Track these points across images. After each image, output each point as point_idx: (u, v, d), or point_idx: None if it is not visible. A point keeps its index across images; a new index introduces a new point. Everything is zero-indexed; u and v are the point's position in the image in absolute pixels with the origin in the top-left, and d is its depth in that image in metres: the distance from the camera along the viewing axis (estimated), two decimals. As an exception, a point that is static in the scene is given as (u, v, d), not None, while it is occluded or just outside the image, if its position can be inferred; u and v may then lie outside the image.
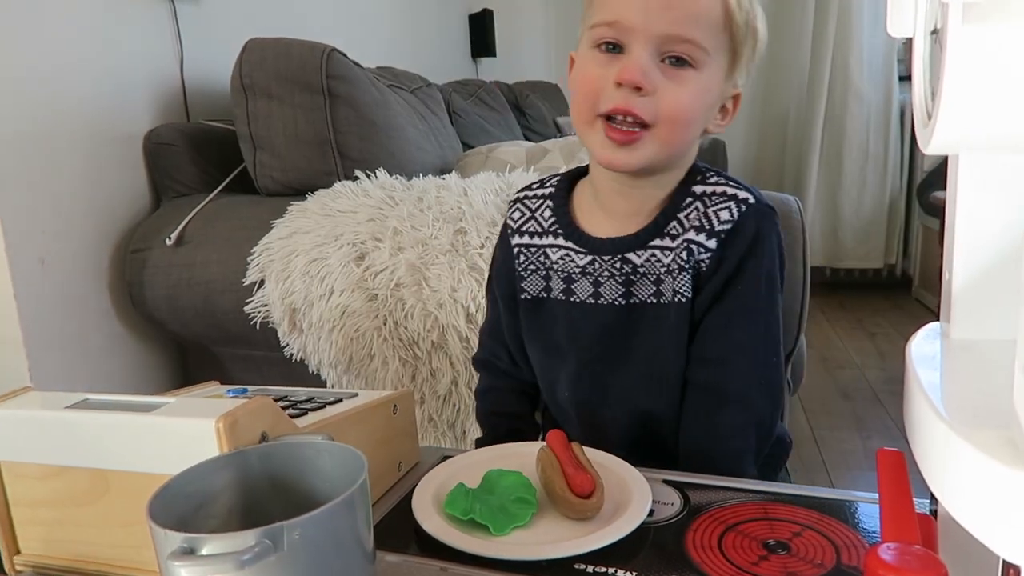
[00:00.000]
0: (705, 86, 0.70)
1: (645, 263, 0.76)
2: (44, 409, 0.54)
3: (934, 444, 0.32)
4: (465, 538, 0.54)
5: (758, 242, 0.74)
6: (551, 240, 0.81)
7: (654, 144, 0.71)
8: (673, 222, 0.76)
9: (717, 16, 0.69)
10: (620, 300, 0.77)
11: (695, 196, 0.76)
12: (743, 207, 0.74)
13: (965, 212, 0.40)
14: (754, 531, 0.55)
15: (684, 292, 0.75)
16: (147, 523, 0.39)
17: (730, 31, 0.70)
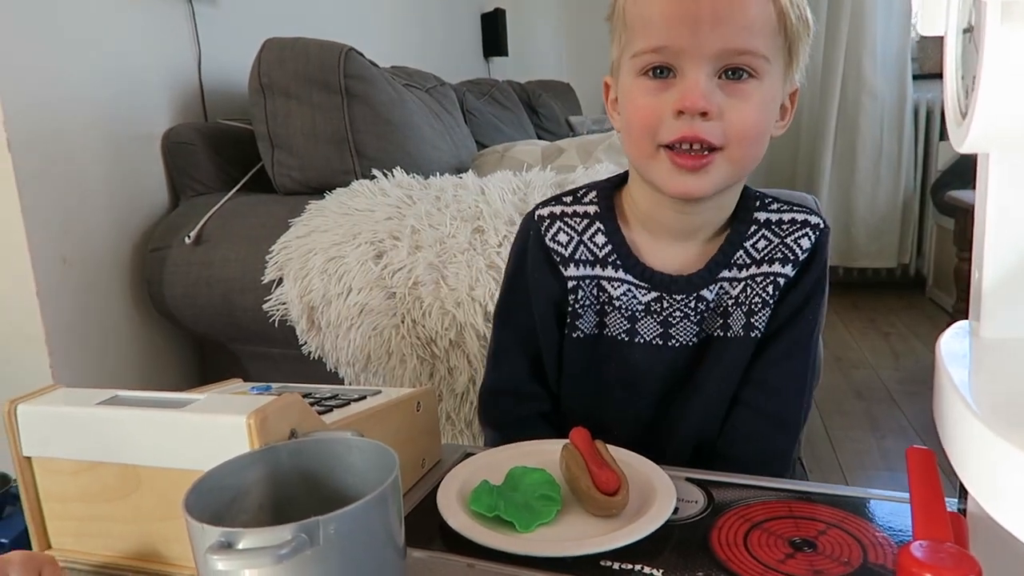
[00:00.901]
0: (770, 95, 0.66)
1: (716, 297, 0.73)
2: (75, 406, 0.54)
3: (969, 441, 0.32)
4: (491, 534, 0.54)
5: (824, 268, 0.74)
6: (611, 272, 0.74)
7: (726, 165, 0.65)
8: (740, 252, 0.73)
9: (771, 19, 0.64)
10: (693, 340, 0.73)
11: (760, 224, 0.73)
12: (818, 233, 0.73)
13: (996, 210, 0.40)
14: (779, 529, 0.55)
15: (760, 326, 0.72)
16: (183, 517, 0.39)
17: (785, 31, 0.66)
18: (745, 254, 0.73)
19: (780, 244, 0.73)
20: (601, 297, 0.74)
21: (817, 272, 0.73)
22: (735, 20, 0.62)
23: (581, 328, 0.76)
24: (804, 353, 0.75)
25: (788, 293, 0.73)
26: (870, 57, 3.41)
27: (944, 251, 3.24)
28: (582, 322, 0.75)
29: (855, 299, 3.45)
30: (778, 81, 0.67)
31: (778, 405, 0.76)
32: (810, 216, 0.74)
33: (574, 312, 0.75)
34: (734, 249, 0.72)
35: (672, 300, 0.73)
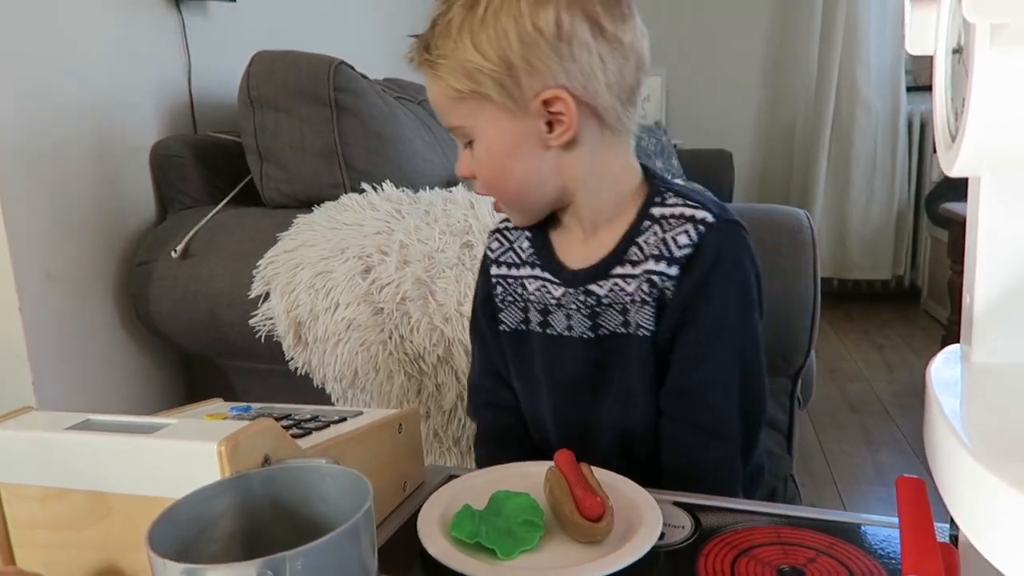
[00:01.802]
0: (488, 145, 0.73)
1: (609, 293, 0.75)
2: (44, 430, 0.53)
3: (959, 475, 0.31)
4: (471, 562, 0.53)
5: (719, 263, 0.72)
6: (528, 271, 0.81)
7: (506, 206, 0.79)
8: (633, 248, 0.74)
9: (448, 94, 0.72)
10: (589, 333, 0.77)
11: (653, 219, 0.74)
12: (701, 227, 0.72)
13: (987, 233, 0.39)
14: (768, 556, 0.54)
15: (647, 325, 0.74)
16: (146, 551, 0.38)
17: (478, 86, 0.70)
18: (637, 250, 0.74)
19: (662, 240, 0.73)
20: (523, 294, 0.81)
21: (704, 268, 0.72)
22: (435, 105, 0.75)
23: (506, 322, 0.83)
24: (721, 355, 0.74)
25: (680, 292, 0.72)
26: (864, 70, 3.42)
27: (938, 263, 3.23)
28: (506, 315, 0.83)
29: (849, 311, 3.44)
30: (499, 122, 0.72)
31: (697, 412, 0.74)
32: (698, 211, 0.73)
33: (497, 307, 0.84)
34: (627, 245, 0.75)
35: (571, 293, 0.77)
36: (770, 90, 3.79)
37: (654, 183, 0.77)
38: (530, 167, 0.73)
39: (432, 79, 0.73)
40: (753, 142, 3.83)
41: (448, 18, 0.70)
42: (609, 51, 0.70)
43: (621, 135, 0.75)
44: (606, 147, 0.74)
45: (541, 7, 0.67)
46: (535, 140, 0.72)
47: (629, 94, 0.73)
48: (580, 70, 0.69)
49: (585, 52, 0.69)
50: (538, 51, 0.68)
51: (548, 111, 0.70)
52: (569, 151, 0.73)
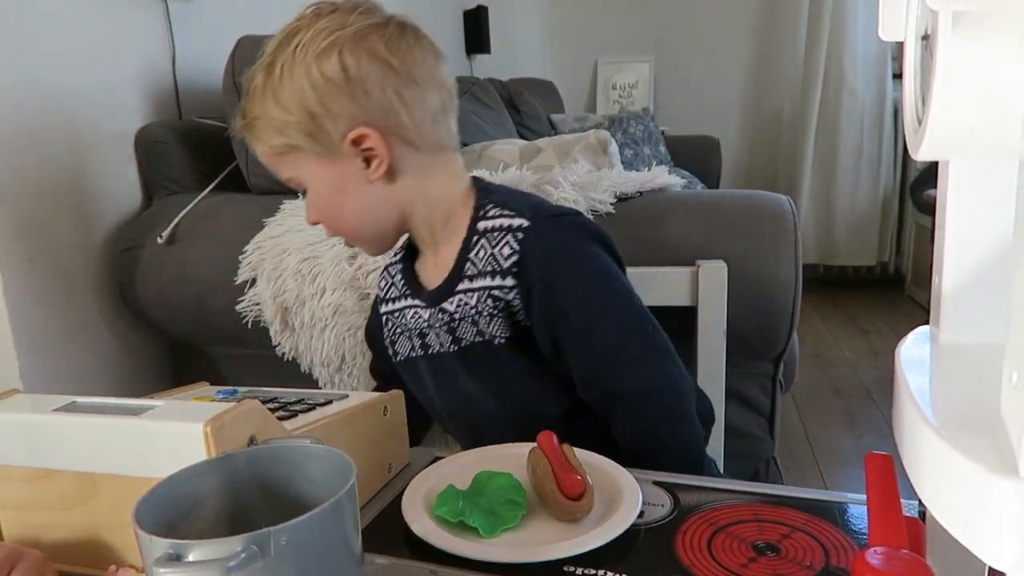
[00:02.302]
0: (317, 190, 0.79)
1: (457, 308, 0.79)
2: (31, 412, 0.54)
3: (921, 449, 0.32)
4: (455, 540, 0.54)
5: (550, 261, 0.76)
6: (405, 302, 0.86)
7: (353, 242, 0.86)
8: (467, 264, 0.78)
9: (274, 154, 0.77)
10: (452, 347, 0.81)
11: (480, 233, 0.79)
12: (520, 235, 0.76)
13: (955, 216, 0.40)
14: (744, 533, 0.55)
15: (501, 335, 0.78)
16: (133, 528, 0.38)
17: (290, 140, 0.75)
18: (472, 265, 0.78)
19: (490, 255, 0.77)
20: (406, 324, 0.86)
21: (538, 272, 0.75)
22: (266, 167, 0.80)
23: (400, 353, 0.87)
24: (602, 331, 0.76)
25: (530, 299, 0.76)
26: (850, 57, 3.43)
27: (923, 249, 3.27)
28: (399, 347, 0.87)
29: (835, 297, 3.47)
30: (320, 168, 0.77)
31: (614, 388, 0.76)
32: (515, 219, 0.77)
33: (391, 341, 0.88)
34: (463, 263, 0.79)
35: (432, 313, 0.82)
36: (757, 77, 3.80)
37: (480, 197, 0.82)
38: (360, 203, 0.78)
39: (252, 141, 0.78)
40: (740, 129, 3.85)
41: (253, 83, 0.76)
42: (402, 83, 0.75)
43: (441, 153, 0.80)
44: (427, 167, 0.79)
45: (325, 56, 0.72)
46: (357, 178, 0.77)
47: (436, 115, 0.78)
48: (377, 106, 0.74)
49: (378, 88, 0.74)
50: (333, 97, 0.73)
51: (360, 149, 0.75)
52: (393, 181, 0.78)
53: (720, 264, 1.04)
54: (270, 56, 0.75)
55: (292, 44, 0.73)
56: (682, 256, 1.08)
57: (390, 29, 0.75)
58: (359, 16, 0.74)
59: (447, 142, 0.81)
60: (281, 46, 0.74)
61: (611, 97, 3.97)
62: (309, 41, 0.72)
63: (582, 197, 1.14)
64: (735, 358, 1.09)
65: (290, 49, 0.73)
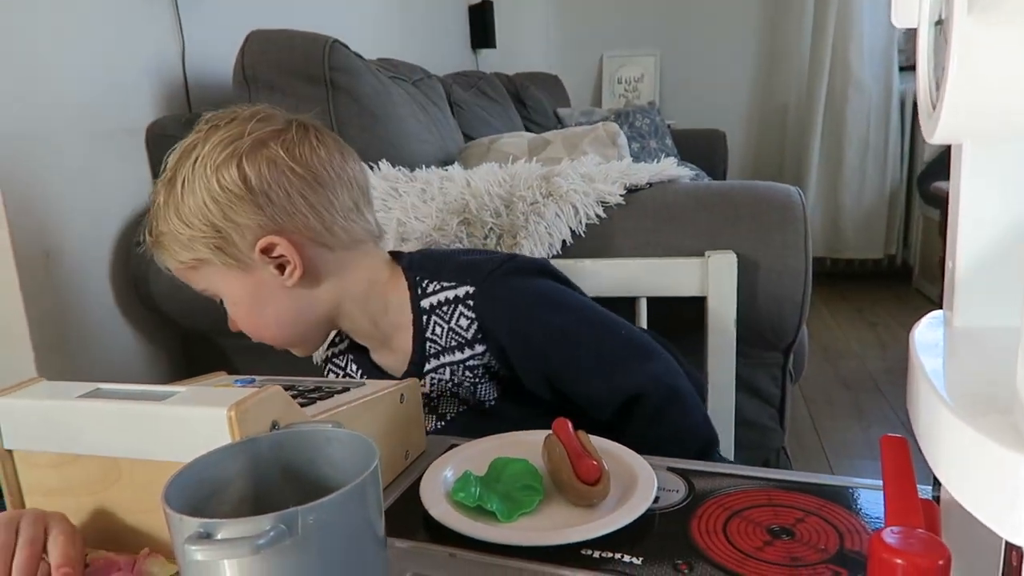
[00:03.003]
0: (233, 301, 0.77)
1: (433, 387, 0.79)
2: (56, 399, 0.54)
3: (938, 429, 0.33)
4: (473, 524, 0.55)
5: (511, 313, 0.76)
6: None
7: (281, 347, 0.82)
8: (427, 344, 0.78)
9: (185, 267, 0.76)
10: (438, 423, 0.81)
11: (427, 312, 0.78)
12: (470, 303, 0.76)
13: (968, 200, 0.40)
14: (758, 517, 0.56)
15: (490, 398, 0.79)
16: (163, 509, 0.39)
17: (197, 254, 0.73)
18: (432, 344, 0.78)
19: (449, 331, 0.77)
20: None
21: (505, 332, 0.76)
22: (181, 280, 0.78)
23: None
24: (585, 350, 0.77)
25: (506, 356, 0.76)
26: (857, 49, 3.42)
27: (930, 242, 3.26)
28: None
29: (842, 290, 3.47)
30: (232, 280, 0.75)
31: (619, 392, 0.76)
32: (458, 289, 0.77)
33: None
34: (421, 346, 0.79)
35: None
36: (764, 70, 3.79)
37: (409, 275, 0.80)
38: (280, 310, 0.77)
39: (162, 257, 0.77)
40: (747, 122, 3.84)
41: (157, 200, 0.74)
42: (307, 187, 0.73)
43: (361, 248, 0.78)
44: (346, 265, 0.77)
45: (224, 167, 0.70)
46: (273, 285, 0.75)
47: (348, 212, 0.76)
48: (283, 212, 0.72)
49: (282, 195, 0.72)
50: (236, 208, 0.71)
51: (271, 257, 0.73)
52: (314, 284, 0.76)
53: (730, 255, 1.05)
54: (171, 171, 0.73)
55: (191, 158, 0.72)
56: (692, 247, 1.08)
57: (290, 133, 0.73)
58: (257, 123, 0.72)
59: (363, 236, 0.79)
60: (181, 160, 0.73)
61: (617, 91, 3.97)
62: (208, 154, 0.71)
63: (591, 189, 1.14)
64: (745, 348, 1.09)
65: (189, 163, 0.71)
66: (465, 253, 0.90)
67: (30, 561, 0.48)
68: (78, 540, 0.50)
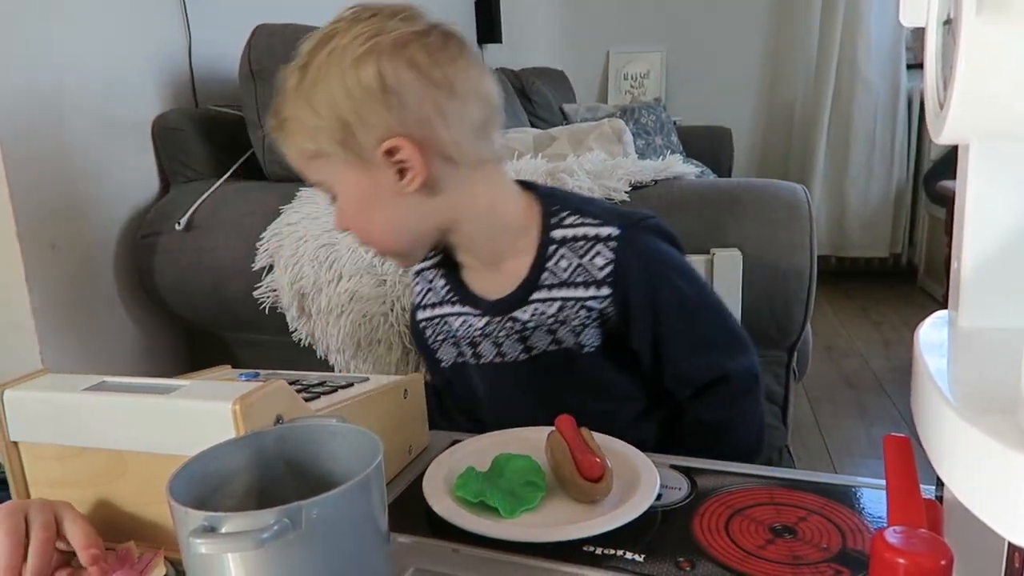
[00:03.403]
0: (346, 198, 0.76)
1: (532, 317, 0.78)
2: (62, 391, 0.55)
3: (941, 429, 0.33)
4: (476, 520, 0.55)
5: (649, 266, 0.76)
6: (449, 308, 0.84)
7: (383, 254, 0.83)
8: (545, 273, 0.77)
9: (304, 157, 0.74)
10: (522, 355, 0.80)
11: (558, 242, 0.77)
12: (613, 243, 0.75)
13: (974, 200, 0.40)
14: (761, 515, 0.56)
15: (591, 344, 0.77)
16: (168, 502, 0.39)
17: (320, 145, 0.72)
18: (551, 274, 0.77)
19: (579, 266, 0.76)
20: (448, 331, 0.84)
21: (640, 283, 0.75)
22: (295, 169, 0.77)
23: (444, 359, 0.87)
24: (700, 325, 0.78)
25: (629, 308, 0.75)
26: (864, 47, 3.40)
27: (936, 241, 3.25)
28: (442, 354, 0.87)
29: (847, 289, 3.46)
30: (350, 176, 0.73)
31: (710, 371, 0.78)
32: (602, 228, 0.76)
33: (432, 349, 0.87)
34: (539, 272, 0.77)
35: (495, 322, 0.80)
36: (770, 67, 3.78)
37: (545, 204, 0.79)
38: (392, 216, 0.75)
39: (282, 142, 0.75)
40: (753, 119, 3.83)
41: (287, 84, 0.73)
42: (442, 95, 0.71)
43: (484, 168, 0.76)
44: (468, 182, 0.75)
45: (362, 63, 0.68)
46: (390, 189, 0.73)
47: (478, 129, 0.74)
48: (414, 117, 0.70)
49: (416, 100, 0.70)
50: (367, 105, 0.69)
51: (393, 160, 0.71)
52: (431, 194, 0.74)
53: (735, 252, 1.05)
54: (305, 57, 0.72)
55: (328, 47, 0.70)
56: (697, 244, 1.08)
57: (432, 38, 0.71)
58: (400, 22, 0.70)
59: (489, 157, 0.77)
60: (317, 48, 0.71)
61: (622, 87, 3.96)
62: (346, 46, 0.69)
63: (597, 185, 1.14)
64: (749, 346, 1.09)
65: (325, 52, 0.70)
66: (611, 202, 0.89)
67: (46, 545, 0.48)
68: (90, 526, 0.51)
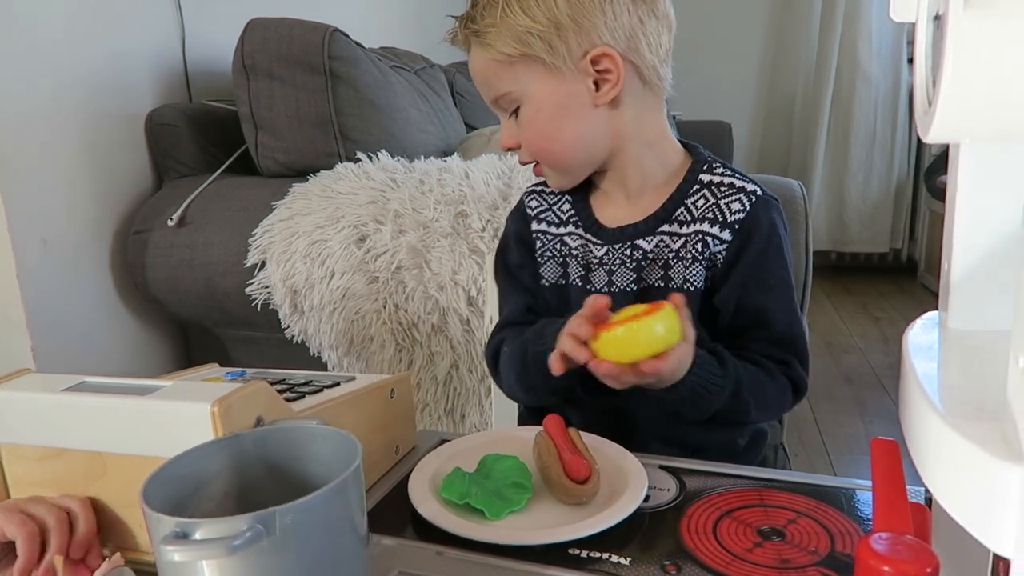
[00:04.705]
0: (538, 107, 0.75)
1: (655, 248, 0.78)
2: (42, 392, 0.54)
3: (927, 435, 0.32)
4: (461, 522, 0.54)
5: (772, 235, 0.76)
6: (570, 229, 0.83)
7: (550, 169, 0.80)
8: (681, 208, 0.78)
9: (501, 63, 0.74)
10: (632, 286, 0.79)
11: (702, 184, 0.78)
12: (753, 198, 0.76)
13: (964, 201, 0.39)
14: (749, 518, 0.55)
15: (695, 282, 0.76)
16: (141, 507, 0.39)
17: (529, 48, 0.72)
18: (686, 211, 0.77)
19: (713, 204, 0.77)
20: (563, 250, 0.83)
21: (761, 240, 0.75)
22: (479, 80, 0.78)
23: (547, 277, 0.84)
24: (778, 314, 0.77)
25: (739, 257, 0.75)
26: (865, 42, 3.39)
27: (936, 236, 3.24)
28: (546, 270, 0.84)
29: (847, 284, 3.45)
30: (548, 83, 0.73)
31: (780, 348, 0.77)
32: (748, 184, 0.77)
33: (537, 262, 0.84)
34: (675, 206, 0.78)
35: (614, 250, 0.79)
36: (770, 62, 3.76)
37: (699, 153, 0.82)
38: (579, 127, 0.75)
39: (479, 49, 0.75)
40: (753, 114, 3.81)
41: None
42: (646, 12, 0.73)
43: (659, 95, 0.78)
44: (647, 107, 0.77)
45: None
46: (583, 99, 0.74)
47: (664, 55, 0.76)
48: (623, 30, 0.72)
49: (626, 13, 0.72)
50: (584, 11, 0.71)
51: (595, 69, 0.73)
52: (615, 109, 0.75)
53: (729, 249, 1.04)
54: None
55: None
56: (691, 241, 1.07)
57: None
58: None
59: (666, 86, 0.78)
60: None
61: (622, 81, 3.94)
62: None
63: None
64: (744, 344, 1.08)
65: None
66: None
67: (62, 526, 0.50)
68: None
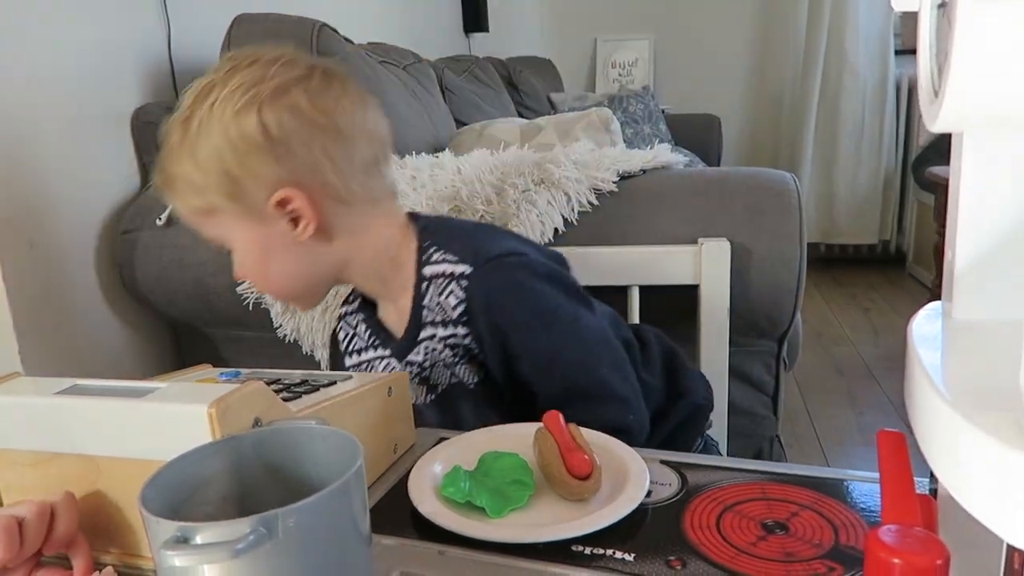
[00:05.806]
0: (242, 251, 0.74)
1: (426, 357, 0.77)
2: (33, 395, 0.53)
3: (937, 426, 0.32)
4: (462, 521, 0.54)
5: (498, 306, 0.74)
6: (373, 353, 0.83)
7: (284, 301, 0.85)
8: (423, 312, 0.76)
9: (196, 213, 0.72)
10: (428, 396, 0.80)
11: (427, 279, 0.76)
12: (463, 282, 0.74)
13: (969, 190, 0.39)
14: (752, 511, 0.55)
15: (470, 380, 0.77)
16: (140, 511, 0.38)
17: (209, 201, 0.70)
18: (428, 312, 0.76)
19: (437, 305, 0.75)
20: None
21: (485, 319, 0.73)
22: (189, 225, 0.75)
23: None
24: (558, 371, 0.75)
25: (483, 344, 0.75)
26: (852, 34, 3.40)
27: (925, 227, 3.25)
28: None
29: (836, 275, 3.47)
30: (244, 230, 0.72)
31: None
32: (457, 266, 0.75)
33: None
34: (419, 311, 0.77)
35: (403, 366, 0.80)
36: (758, 55, 3.77)
37: (419, 237, 0.78)
38: (289, 264, 0.74)
39: (172, 200, 0.73)
40: (741, 107, 3.82)
41: (170, 140, 0.70)
42: (328, 139, 0.70)
43: (379, 205, 0.76)
44: (362, 223, 0.75)
45: (244, 113, 0.67)
46: (284, 239, 0.72)
47: (367, 167, 0.73)
48: (302, 165, 0.69)
49: (302, 147, 0.69)
50: (253, 157, 0.68)
51: (285, 211, 0.70)
52: (327, 240, 0.73)
53: (723, 242, 1.04)
54: (187, 111, 0.69)
55: (209, 99, 0.67)
56: (685, 234, 1.07)
57: (314, 81, 0.70)
58: (280, 68, 0.68)
59: (381, 194, 0.76)
60: (198, 101, 0.68)
61: (610, 75, 3.94)
62: (227, 97, 0.67)
63: (584, 175, 1.13)
64: (738, 337, 1.08)
65: (207, 105, 0.67)
66: (485, 231, 0.86)
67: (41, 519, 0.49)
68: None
